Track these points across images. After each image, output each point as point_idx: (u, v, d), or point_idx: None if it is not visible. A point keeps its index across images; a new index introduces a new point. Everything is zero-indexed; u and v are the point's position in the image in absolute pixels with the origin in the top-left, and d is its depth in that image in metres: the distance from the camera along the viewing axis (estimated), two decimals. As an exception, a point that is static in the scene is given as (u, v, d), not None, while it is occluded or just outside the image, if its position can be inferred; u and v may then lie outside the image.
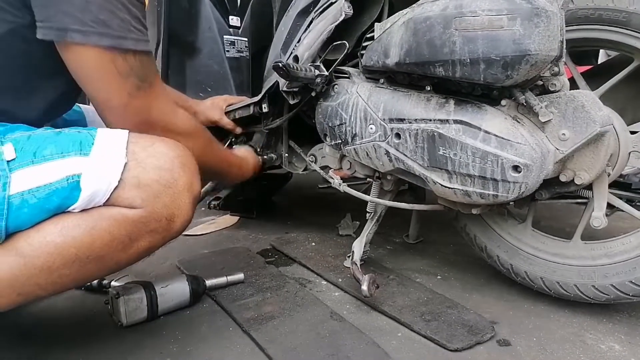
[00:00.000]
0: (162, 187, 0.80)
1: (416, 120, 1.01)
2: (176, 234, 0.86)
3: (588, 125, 0.91)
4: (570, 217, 1.81)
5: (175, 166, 0.82)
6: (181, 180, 0.82)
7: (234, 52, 1.76)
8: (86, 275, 0.80)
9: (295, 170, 1.53)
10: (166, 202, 0.81)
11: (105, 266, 0.80)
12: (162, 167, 0.81)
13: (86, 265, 0.77)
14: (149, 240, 0.82)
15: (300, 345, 0.94)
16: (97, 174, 0.75)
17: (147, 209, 0.79)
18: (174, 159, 0.82)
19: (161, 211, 0.81)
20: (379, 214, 1.31)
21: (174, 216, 0.83)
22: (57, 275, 0.75)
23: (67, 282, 0.78)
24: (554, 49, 0.85)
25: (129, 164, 0.78)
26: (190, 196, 0.85)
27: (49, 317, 1.08)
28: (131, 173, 0.78)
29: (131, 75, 0.82)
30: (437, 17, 0.90)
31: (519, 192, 0.92)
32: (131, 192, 0.78)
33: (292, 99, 1.25)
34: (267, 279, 1.25)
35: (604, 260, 1.04)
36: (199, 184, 0.88)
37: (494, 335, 1.00)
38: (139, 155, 0.80)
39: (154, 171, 0.80)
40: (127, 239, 0.79)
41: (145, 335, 1.00)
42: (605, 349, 0.96)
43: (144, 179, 0.79)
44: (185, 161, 0.84)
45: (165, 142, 0.84)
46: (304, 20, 1.25)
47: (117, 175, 0.76)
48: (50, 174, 0.73)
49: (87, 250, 0.76)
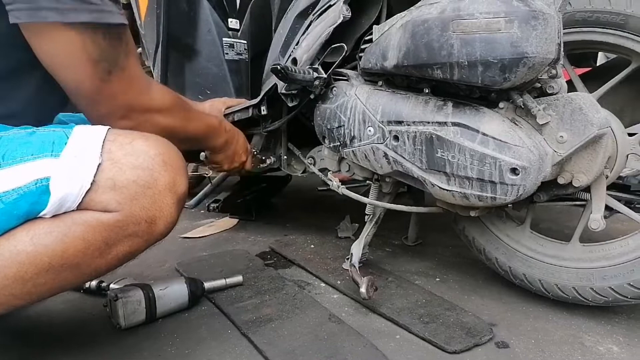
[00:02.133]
0: (140, 188, 0.75)
1: (414, 123, 1.01)
2: (160, 236, 0.81)
3: (586, 127, 0.91)
4: (569, 220, 1.81)
5: (156, 164, 0.77)
6: (162, 179, 0.77)
7: (233, 54, 1.76)
8: (63, 283, 0.76)
9: (294, 172, 1.53)
10: (145, 204, 0.76)
11: (82, 273, 0.76)
12: (140, 167, 0.76)
13: (61, 274, 0.73)
14: (129, 244, 0.78)
15: (299, 347, 0.94)
16: (67, 176, 0.71)
17: (124, 212, 0.74)
18: (154, 157, 0.77)
19: (140, 214, 0.76)
20: (378, 216, 1.31)
21: (155, 218, 0.78)
22: (31, 284, 0.72)
23: (43, 291, 0.74)
24: (551, 51, 0.85)
25: (104, 165, 0.73)
26: (173, 196, 0.79)
27: (47, 319, 1.08)
28: (105, 174, 0.73)
29: (102, 59, 0.77)
30: (435, 20, 0.91)
31: (517, 195, 0.92)
32: (105, 194, 0.73)
33: (291, 101, 1.25)
34: (265, 281, 1.25)
35: (602, 263, 1.04)
36: (185, 183, 0.82)
37: (492, 337, 1.00)
38: (115, 154, 0.75)
39: (131, 171, 0.75)
40: (103, 244, 0.75)
41: (144, 338, 1.00)
42: (604, 351, 0.96)
43: (120, 180, 0.74)
44: (168, 159, 0.79)
45: (146, 138, 0.79)
46: (302, 23, 1.25)
47: (89, 177, 0.72)
48: (18, 177, 0.69)
49: (61, 258, 0.72)
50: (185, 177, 0.83)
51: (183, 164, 0.83)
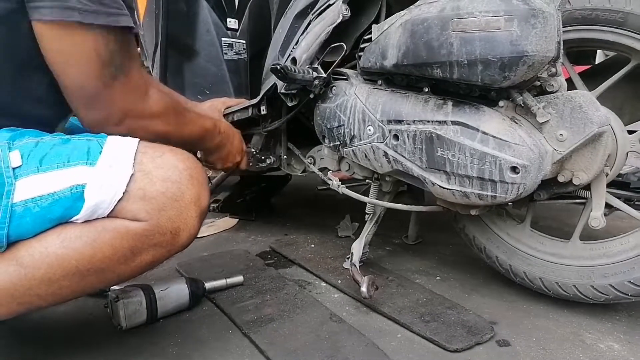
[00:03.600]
0: (168, 200, 0.78)
1: (414, 122, 1.01)
2: (182, 247, 0.84)
3: (586, 125, 0.91)
4: (569, 217, 1.81)
5: (184, 178, 0.80)
6: (188, 193, 0.81)
7: (232, 54, 1.76)
8: (86, 287, 0.78)
9: (294, 172, 1.53)
10: (171, 216, 0.79)
11: (106, 278, 0.79)
12: (170, 179, 0.79)
13: (86, 278, 0.76)
14: (152, 254, 0.80)
15: (300, 347, 0.94)
16: (101, 185, 0.74)
17: (152, 222, 0.77)
18: (182, 171, 0.81)
19: (166, 225, 0.79)
20: (378, 215, 1.32)
21: (180, 230, 0.81)
22: (57, 286, 0.74)
23: (66, 294, 0.77)
24: (551, 49, 0.85)
25: (136, 175, 0.76)
26: (197, 210, 0.83)
27: (49, 320, 1.08)
28: (137, 185, 0.76)
29: (110, 63, 0.79)
30: (434, 19, 0.91)
31: (517, 193, 0.92)
32: (136, 204, 0.76)
33: (291, 101, 1.25)
34: (266, 281, 1.25)
35: (602, 260, 1.04)
36: (207, 198, 0.86)
37: (493, 336, 1.00)
38: (146, 166, 0.78)
39: (160, 183, 0.78)
40: (129, 252, 0.77)
41: (145, 339, 1.00)
42: (605, 349, 0.97)
43: (149, 191, 0.77)
44: (194, 173, 0.82)
45: (175, 153, 0.82)
46: (301, 23, 1.25)
47: (122, 187, 0.75)
48: (54, 183, 0.72)
49: (88, 262, 0.75)
50: (208, 192, 0.87)
51: (206, 179, 0.86)
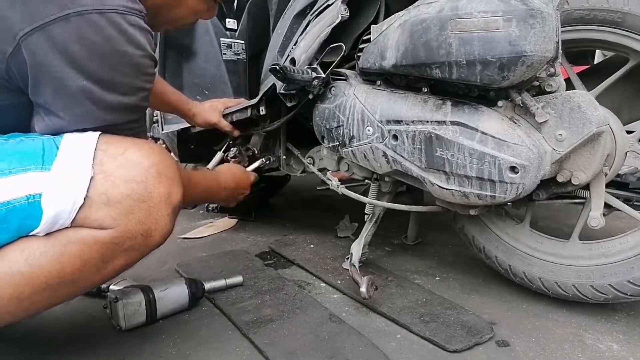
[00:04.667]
0: (135, 202, 0.73)
1: (413, 122, 1.01)
2: (155, 247, 0.81)
3: (584, 125, 0.91)
4: (568, 217, 1.81)
5: (150, 177, 0.75)
6: (157, 192, 0.75)
7: (231, 54, 1.76)
8: (60, 299, 0.76)
9: (293, 172, 1.54)
10: (140, 218, 0.74)
11: (79, 288, 0.76)
12: (134, 180, 0.73)
13: (58, 291, 0.73)
14: (125, 258, 0.77)
15: (300, 347, 0.94)
16: (59, 192, 0.69)
17: (120, 228, 0.73)
18: (148, 168, 0.75)
19: (135, 228, 0.74)
20: (378, 216, 1.32)
21: (151, 231, 0.76)
22: (28, 302, 0.71)
23: (39, 307, 0.74)
24: (549, 50, 0.85)
25: (96, 178, 0.71)
26: (168, 208, 0.78)
27: (47, 321, 1.07)
28: (98, 189, 0.71)
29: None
30: (433, 19, 0.91)
31: (516, 193, 0.92)
32: (100, 211, 0.71)
33: (290, 101, 1.25)
34: (265, 281, 1.25)
35: (602, 260, 1.04)
36: (179, 192, 0.81)
37: (492, 336, 1.00)
38: (107, 166, 0.72)
39: (124, 185, 0.72)
40: (100, 261, 0.74)
41: (144, 339, 0.99)
42: (604, 349, 0.97)
43: (113, 194, 0.71)
44: (162, 169, 0.77)
45: (139, 148, 0.76)
46: (300, 23, 1.25)
47: (82, 193, 0.69)
48: (8, 191, 0.67)
49: (57, 277, 0.71)
50: (180, 186, 0.81)
51: (177, 172, 0.81)
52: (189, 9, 0.93)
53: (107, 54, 0.72)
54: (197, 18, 0.99)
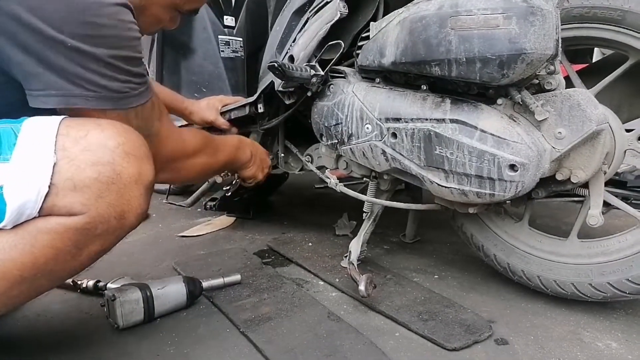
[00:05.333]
0: (103, 185, 0.70)
1: (412, 120, 1.01)
2: (130, 229, 0.78)
3: (584, 123, 0.91)
4: (567, 216, 1.81)
5: (117, 157, 0.72)
6: (126, 172, 0.73)
7: (229, 52, 1.76)
8: (39, 290, 0.75)
9: (292, 170, 1.53)
10: (111, 201, 0.72)
11: (57, 277, 0.75)
12: (100, 162, 0.70)
13: (35, 282, 0.71)
14: (100, 243, 0.75)
15: (298, 346, 0.94)
16: (21, 183, 0.66)
17: (90, 213, 0.70)
18: (114, 149, 0.72)
19: (107, 212, 0.72)
20: (376, 214, 1.31)
21: (124, 212, 0.74)
22: (5, 297, 0.69)
23: (20, 300, 0.74)
24: (549, 47, 0.85)
25: (60, 164, 0.68)
26: (140, 187, 0.76)
27: (44, 320, 1.07)
28: (63, 175, 0.68)
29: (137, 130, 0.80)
30: (432, 16, 0.90)
31: (515, 191, 0.92)
32: (67, 197, 0.68)
33: (288, 99, 1.25)
34: (264, 279, 1.25)
35: (600, 258, 1.04)
36: (150, 170, 0.78)
37: (491, 334, 1.00)
38: (71, 151, 0.69)
39: (90, 168, 0.69)
40: (74, 248, 0.72)
41: (142, 338, 0.99)
42: (603, 347, 0.97)
43: (80, 179, 0.69)
44: (130, 148, 0.74)
45: (102, 129, 0.73)
46: (299, 20, 1.25)
47: (45, 181, 0.67)
48: None
49: (32, 269, 0.69)
50: (150, 164, 0.79)
51: (146, 149, 0.79)
52: (152, 17, 0.93)
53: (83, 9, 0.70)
54: (160, 27, 0.99)
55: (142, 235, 1.65)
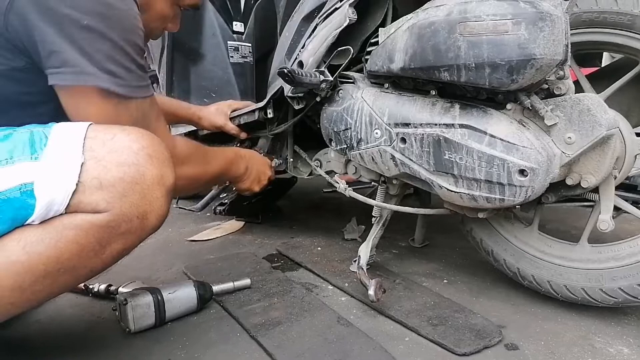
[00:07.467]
0: (128, 185, 0.73)
1: (421, 125, 1.01)
2: (152, 230, 0.80)
3: (594, 128, 0.90)
4: (577, 220, 1.80)
5: (141, 159, 0.75)
6: (149, 173, 0.76)
7: (238, 57, 1.77)
8: (61, 287, 0.76)
9: (300, 175, 1.54)
10: (135, 201, 0.75)
11: (79, 274, 0.76)
12: (126, 163, 0.74)
13: (58, 278, 0.73)
14: (123, 242, 0.77)
15: (308, 350, 0.94)
16: (51, 180, 0.69)
17: (114, 211, 0.73)
18: (138, 151, 0.76)
19: (130, 211, 0.74)
20: (385, 218, 1.32)
21: (146, 213, 0.77)
22: (29, 292, 0.71)
23: (42, 297, 0.75)
24: (559, 52, 0.85)
25: (87, 164, 0.71)
26: (161, 189, 0.78)
27: (56, 323, 1.08)
28: (90, 174, 0.71)
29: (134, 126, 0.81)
30: (441, 22, 0.91)
31: (525, 196, 0.92)
32: (93, 195, 0.71)
33: (297, 104, 1.26)
34: (273, 284, 1.26)
35: (611, 263, 1.04)
36: (172, 174, 0.81)
37: (501, 339, 0.99)
38: (98, 152, 0.73)
39: (116, 168, 0.73)
40: (97, 245, 0.74)
41: (153, 342, 1.00)
42: (614, 353, 0.96)
43: (106, 178, 0.72)
44: (153, 152, 0.78)
45: (128, 133, 0.77)
46: (308, 26, 1.26)
47: (74, 179, 0.70)
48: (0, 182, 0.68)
49: (56, 264, 0.71)
50: (172, 168, 0.82)
51: (167, 154, 0.82)
52: (157, 13, 0.97)
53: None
54: (165, 25, 1.03)
55: (152, 240, 1.66)
